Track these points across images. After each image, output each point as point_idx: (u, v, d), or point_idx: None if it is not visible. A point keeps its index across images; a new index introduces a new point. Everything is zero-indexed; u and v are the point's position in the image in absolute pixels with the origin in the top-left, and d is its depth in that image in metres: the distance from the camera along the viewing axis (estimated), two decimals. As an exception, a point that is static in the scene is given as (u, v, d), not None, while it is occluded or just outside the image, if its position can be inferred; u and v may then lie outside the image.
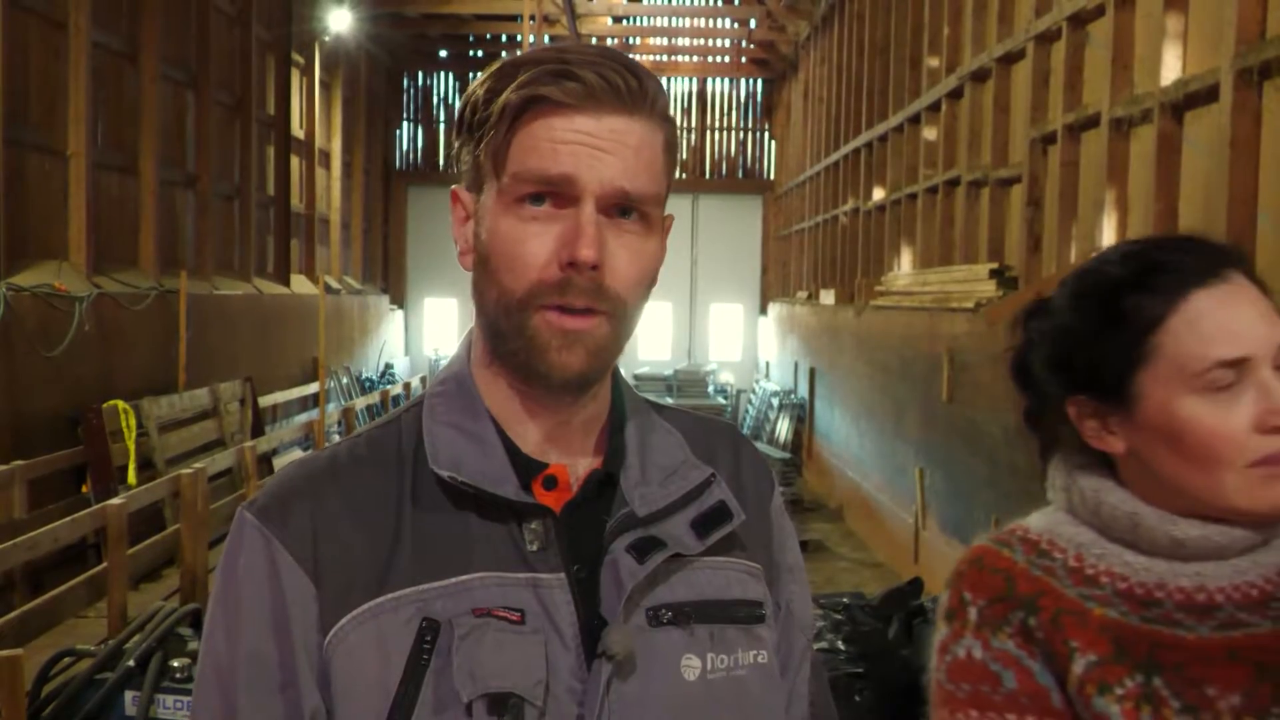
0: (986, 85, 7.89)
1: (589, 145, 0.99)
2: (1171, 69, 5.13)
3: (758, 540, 1.15)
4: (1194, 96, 4.90)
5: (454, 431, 1.06)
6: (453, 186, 1.09)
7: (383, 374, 17.98)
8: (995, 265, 7.28)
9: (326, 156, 16.40)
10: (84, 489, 8.31)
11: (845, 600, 5.23)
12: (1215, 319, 1.10)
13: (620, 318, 1.04)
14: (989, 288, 7.09)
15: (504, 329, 1.03)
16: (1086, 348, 1.16)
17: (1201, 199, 4.80)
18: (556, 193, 1.00)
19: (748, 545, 1.13)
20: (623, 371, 1.20)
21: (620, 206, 1.01)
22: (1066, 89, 6.35)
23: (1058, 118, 6.44)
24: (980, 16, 8.11)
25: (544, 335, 1.01)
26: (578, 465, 1.09)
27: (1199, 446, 1.10)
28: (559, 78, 0.99)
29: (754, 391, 17.62)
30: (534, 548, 1.03)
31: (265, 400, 12.35)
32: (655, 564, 1.03)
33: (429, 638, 0.99)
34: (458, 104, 1.08)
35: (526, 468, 1.06)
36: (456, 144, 1.08)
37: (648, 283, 1.06)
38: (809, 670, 1.21)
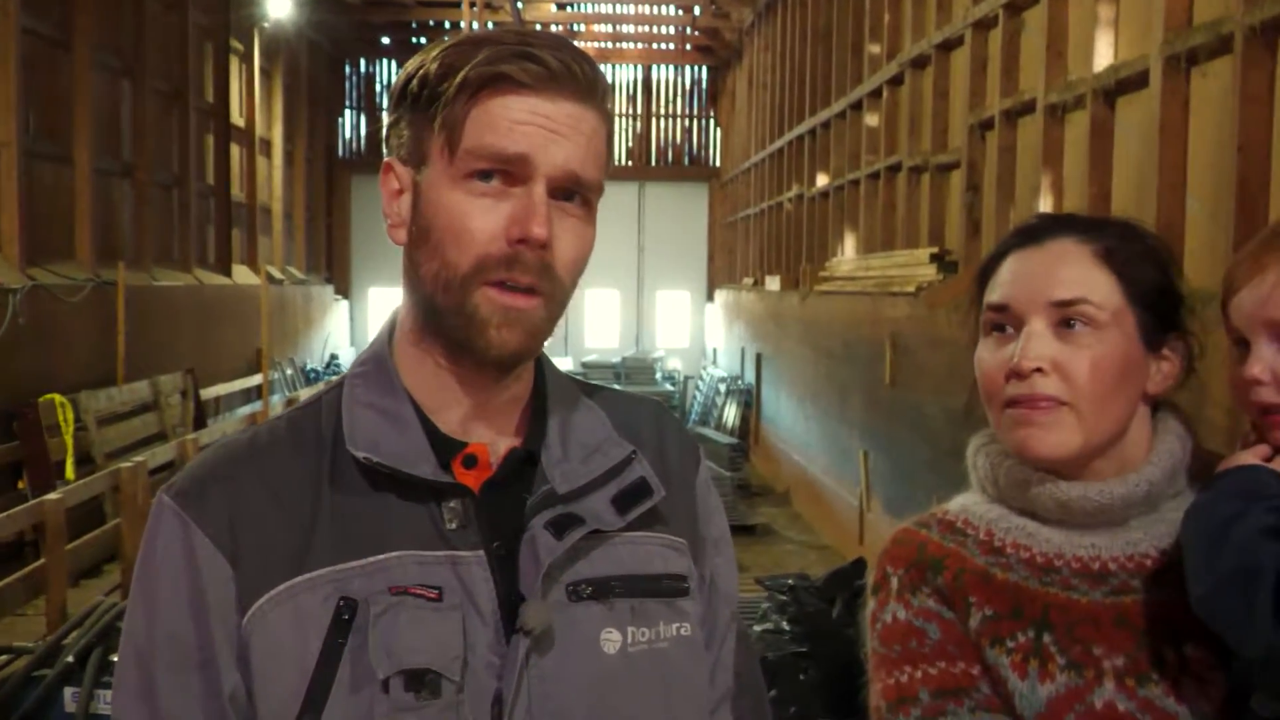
0: (926, 72, 7.96)
1: (545, 127, 1.00)
2: (1104, 56, 5.20)
3: (682, 515, 1.16)
4: (1125, 83, 4.97)
5: (372, 412, 1.07)
6: (386, 158, 1.08)
7: (327, 365, 17.81)
8: (936, 250, 7.36)
9: (268, 145, 16.16)
10: (20, 485, 8.16)
11: (790, 582, 5.28)
12: (999, 274, 1.19)
13: (557, 300, 1.05)
14: (930, 272, 7.17)
15: (441, 305, 1.04)
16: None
17: (1134, 183, 4.88)
18: (508, 171, 1.01)
19: (671, 520, 1.14)
20: (571, 359, 1.21)
21: (567, 190, 1.03)
22: (1003, 75, 6.41)
23: (995, 104, 6.50)
24: (920, 3, 8.16)
25: (485, 311, 1.01)
26: (498, 444, 1.10)
27: (982, 385, 1.19)
28: (521, 58, 1.00)
29: (701, 378, 17.67)
30: (453, 526, 1.04)
31: (207, 393, 12.19)
32: (573, 540, 1.05)
33: (346, 616, 0.99)
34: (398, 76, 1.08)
35: (446, 447, 1.06)
36: (393, 116, 1.07)
37: (582, 267, 1.07)
38: (734, 641, 1.23)
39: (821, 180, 11.42)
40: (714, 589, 1.19)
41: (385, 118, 1.10)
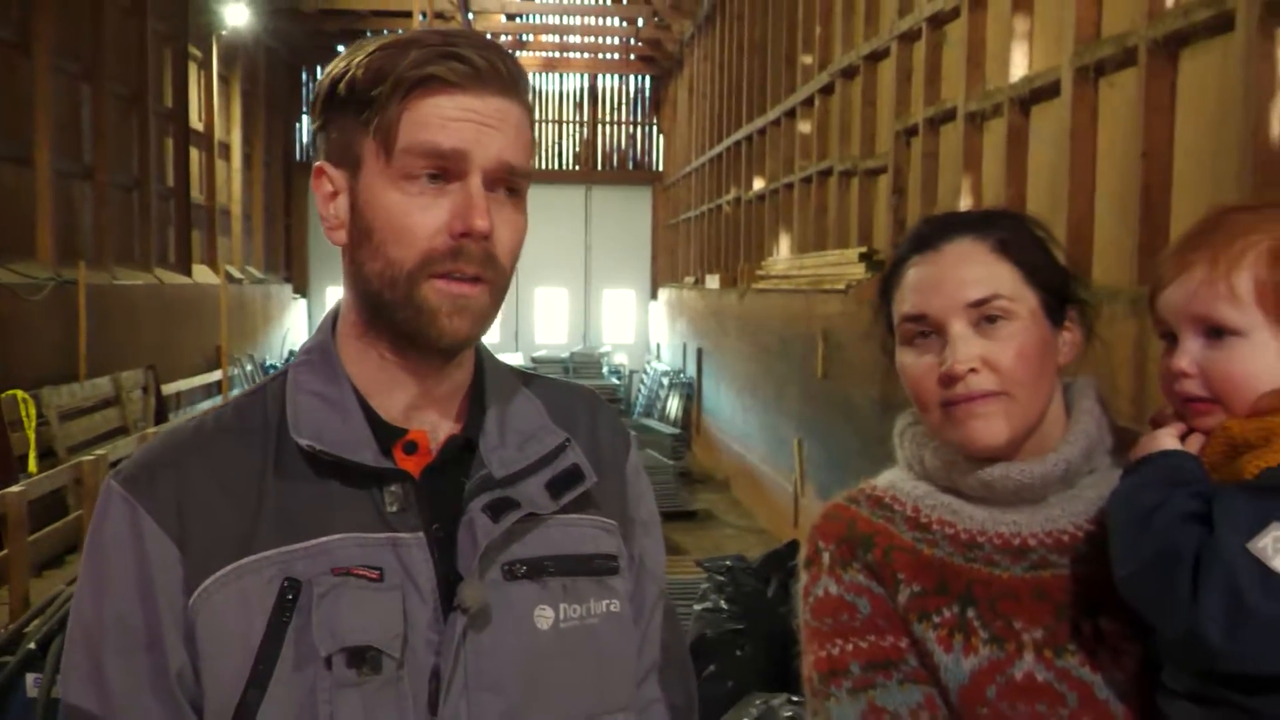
0: (855, 81, 8.00)
1: (477, 122, 1.00)
2: (1019, 67, 5.24)
3: (612, 498, 1.17)
4: (1039, 92, 5.02)
5: (316, 400, 1.06)
6: (317, 163, 1.07)
7: (286, 361, 17.47)
8: (864, 249, 7.40)
9: (226, 149, 15.91)
10: (-17, 478, 7.96)
11: (728, 563, 5.29)
12: (907, 282, 1.19)
13: (500, 286, 1.05)
14: (859, 270, 7.21)
15: (388, 300, 1.03)
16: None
17: (1047, 187, 4.94)
18: (445, 167, 1.00)
19: (602, 503, 1.15)
20: (522, 355, 1.21)
21: (500, 181, 1.02)
22: (927, 85, 6.46)
23: (919, 112, 6.54)
24: (849, 17, 8.21)
25: (434, 302, 1.01)
26: (438, 431, 1.10)
27: (912, 390, 1.19)
28: (448, 58, 0.99)
29: (646, 372, 17.68)
30: (393, 509, 1.04)
31: (168, 388, 11.98)
32: (509, 523, 1.05)
33: (290, 596, 0.99)
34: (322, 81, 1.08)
35: (387, 433, 1.06)
36: (320, 120, 1.06)
37: (519, 252, 1.07)
38: (661, 617, 1.24)
39: (758, 184, 11.46)
40: (643, 568, 1.20)
41: (311, 122, 1.08)
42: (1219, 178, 3.67)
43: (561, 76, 20.75)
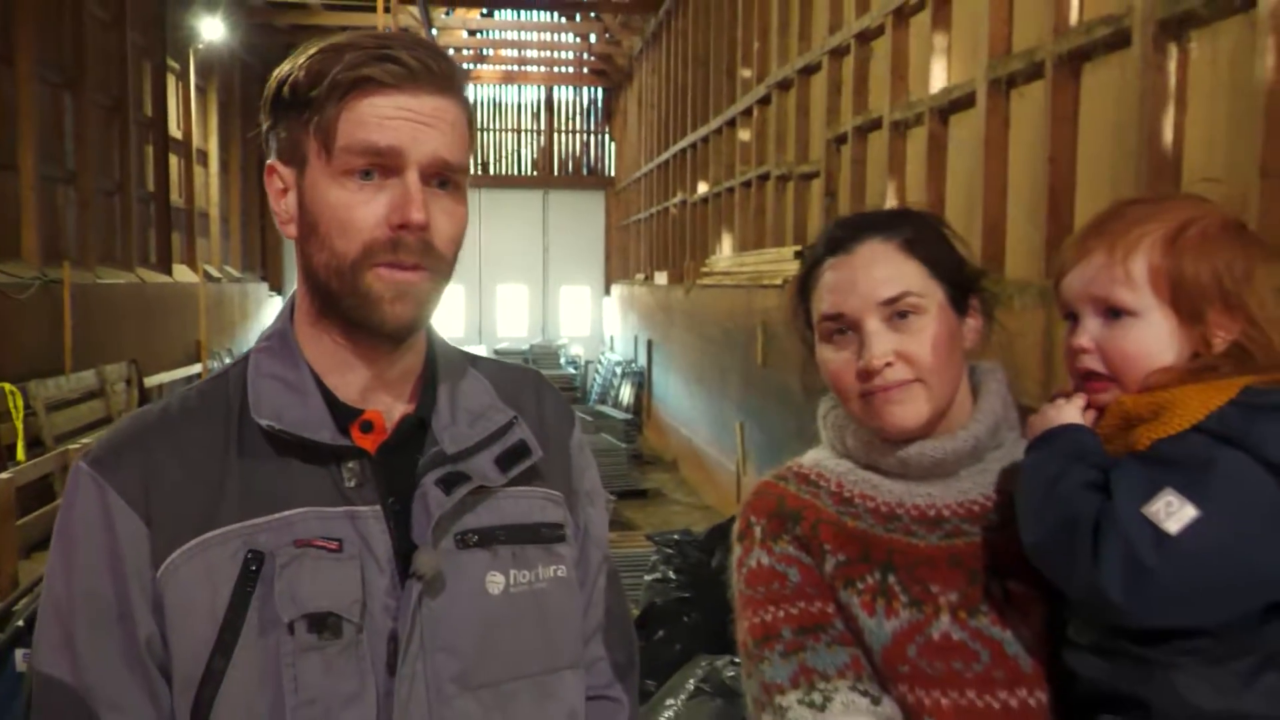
0: (790, 93, 8.03)
1: (412, 120, 0.98)
2: (939, 79, 5.29)
3: (558, 471, 1.16)
4: (956, 102, 5.07)
5: (276, 383, 1.04)
6: (269, 161, 1.05)
7: (259, 352, 17.33)
8: (799, 248, 7.42)
9: (204, 155, 15.61)
10: (-27, 467, 7.77)
11: (676, 537, 5.29)
12: (824, 283, 1.18)
13: (441, 273, 1.03)
14: (794, 267, 7.21)
15: (335, 289, 1.01)
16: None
17: (964, 189, 4.99)
18: (383, 164, 0.98)
19: (548, 476, 1.14)
20: (485, 347, 1.20)
21: (438, 176, 1.01)
22: (855, 96, 6.50)
23: (848, 121, 6.58)
24: (784, 34, 8.23)
25: (378, 289, 0.99)
26: (393, 410, 1.08)
27: (833, 383, 1.19)
28: (382, 60, 0.98)
29: (600, 362, 17.66)
30: (351, 484, 1.02)
31: (151, 380, 11.75)
32: (460, 495, 1.04)
33: (254, 567, 0.97)
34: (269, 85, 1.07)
35: (344, 414, 1.04)
36: (269, 121, 1.04)
37: (460, 242, 1.06)
38: (605, 581, 1.23)
39: (702, 188, 11.47)
40: (587, 536, 1.20)
41: (262, 122, 1.07)
42: (1117, 180, 3.73)
43: (520, 88, 20.61)
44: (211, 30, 14.03)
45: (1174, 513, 0.96)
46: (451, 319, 19.54)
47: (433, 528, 1.02)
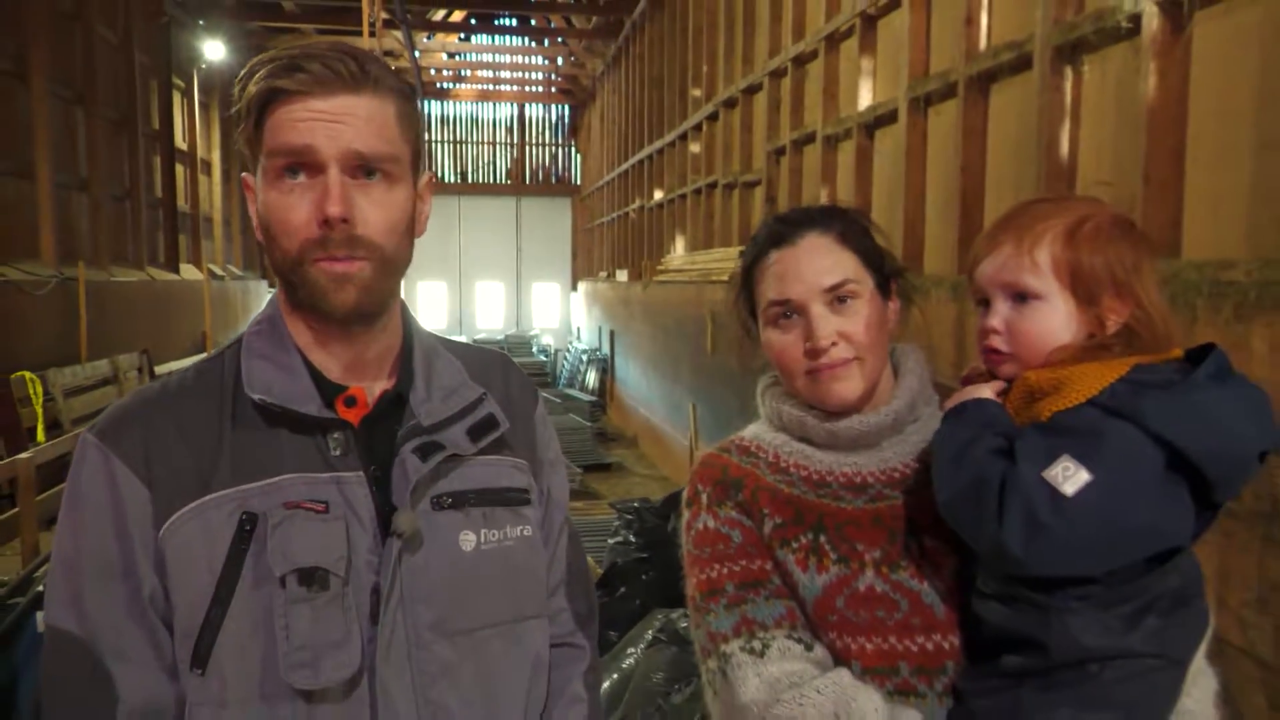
0: (736, 110, 8.03)
1: (324, 120, 0.96)
2: (865, 98, 5.32)
3: (523, 442, 1.16)
4: (881, 118, 5.10)
5: (266, 362, 1.03)
6: (243, 174, 1.04)
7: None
8: (743, 248, 7.43)
9: (208, 165, 15.31)
10: (-4, 448, 7.60)
11: (636, 504, 5.29)
12: (771, 272, 1.17)
13: (380, 259, 1.00)
14: (738, 265, 7.26)
15: (291, 280, 1.00)
16: (738, 297, 1.25)
17: (887, 195, 5.03)
18: (306, 163, 0.96)
19: (515, 446, 1.14)
20: (465, 336, 1.18)
21: (363, 168, 0.98)
22: (792, 113, 6.52)
23: (786, 135, 6.60)
24: (730, 58, 8.24)
25: (320, 281, 0.98)
26: (374, 387, 1.07)
27: (778, 362, 1.18)
28: (290, 71, 0.96)
29: (568, 350, 17.62)
30: (336, 453, 1.01)
31: (161, 368, 11.51)
32: (435, 462, 1.03)
33: (248, 528, 0.96)
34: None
35: (329, 390, 1.03)
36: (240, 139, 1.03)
37: (401, 227, 1.02)
38: (567, 540, 1.23)
39: (658, 195, 11.45)
40: (550, 500, 1.19)
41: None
42: (1020, 186, 3.78)
43: (495, 105, 20.43)
44: (213, 51, 13.76)
45: (1070, 476, 0.97)
46: (435, 312, 19.40)
47: (411, 491, 1.01)
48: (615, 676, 3.56)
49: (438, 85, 19.46)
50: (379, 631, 0.98)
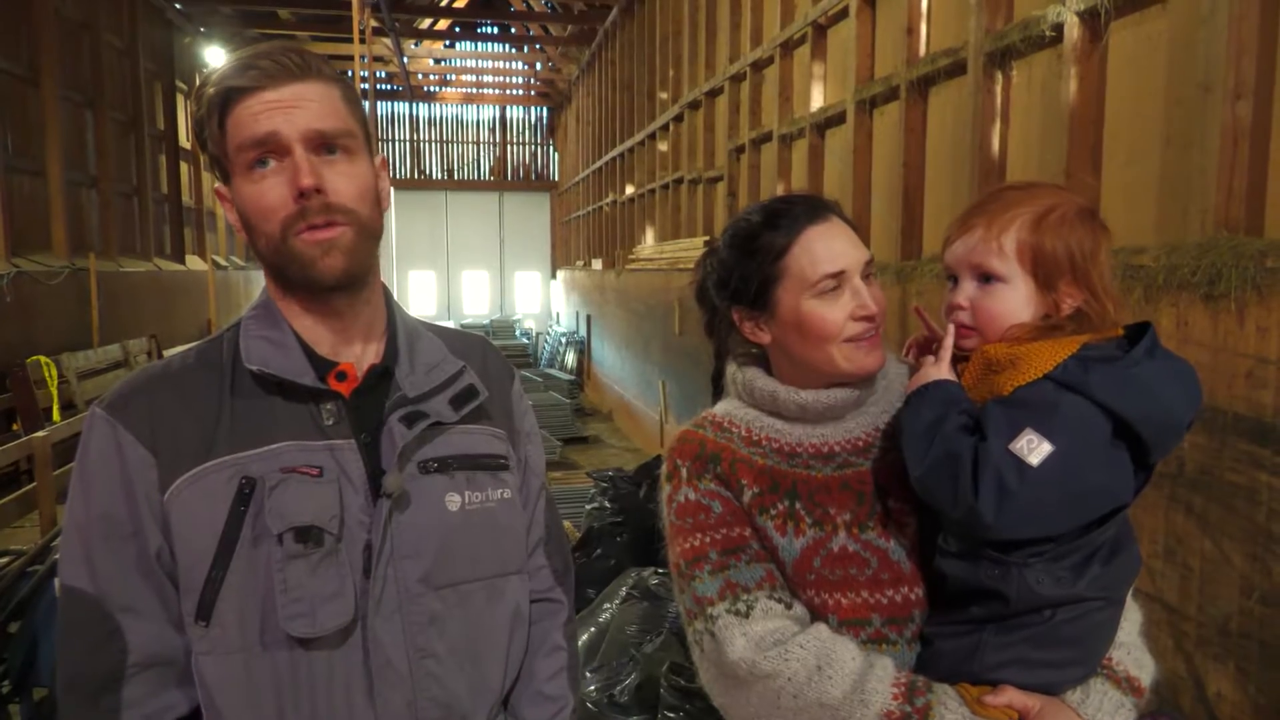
0: (700, 112, 8.01)
1: (280, 108, 0.96)
2: (817, 100, 5.32)
3: (501, 414, 1.16)
4: (831, 119, 5.10)
5: (264, 341, 1.02)
6: (215, 187, 1.03)
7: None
8: (707, 238, 7.46)
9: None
10: (15, 427, 7.46)
11: (611, 474, 5.31)
12: (821, 245, 1.13)
13: (359, 223, 0.99)
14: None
15: (278, 262, 0.99)
16: (739, 273, 1.18)
17: (837, 189, 5.04)
18: (271, 149, 0.95)
19: (494, 416, 1.14)
20: (453, 322, 1.18)
21: (325, 145, 0.97)
22: (751, 114, 6.50)
23: (745, 134, 6.58)
24: (694, 63, 8.20)
25: (307, 251, 0.97)
26: (363, 362, 1.07)
27: (817, 330, 1.14)
28: (242, 71, 0.96)
29: (549, 333, 17.54)
30: (329, 422, 1.01)
31: (168, 353, 11.32)
32: (420, 429, 1.03)
33: (247, 491, 0.96)
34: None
35: (322, 365, 1.03)
36: (206, 158, 1.02)
37: (370, 196, 1.02)
38: (544, 503, 1.23)
39: (629, 190, 11.42)
40: (528, 467, 1.19)
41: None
42: (956, 181, 3.81)
43: (478, 108, 20.22)
44: (214, 57, 13.48)
45: (1034, 448, 0.97)
46: (425, 298, 19.24)
47: (398, 455, 1.02)
48: (593, 629, 3.59)
49: (425, 89, 19.22)
50: (371, 585, 0.99)
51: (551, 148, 20.50)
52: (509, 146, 20.48)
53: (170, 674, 0.98)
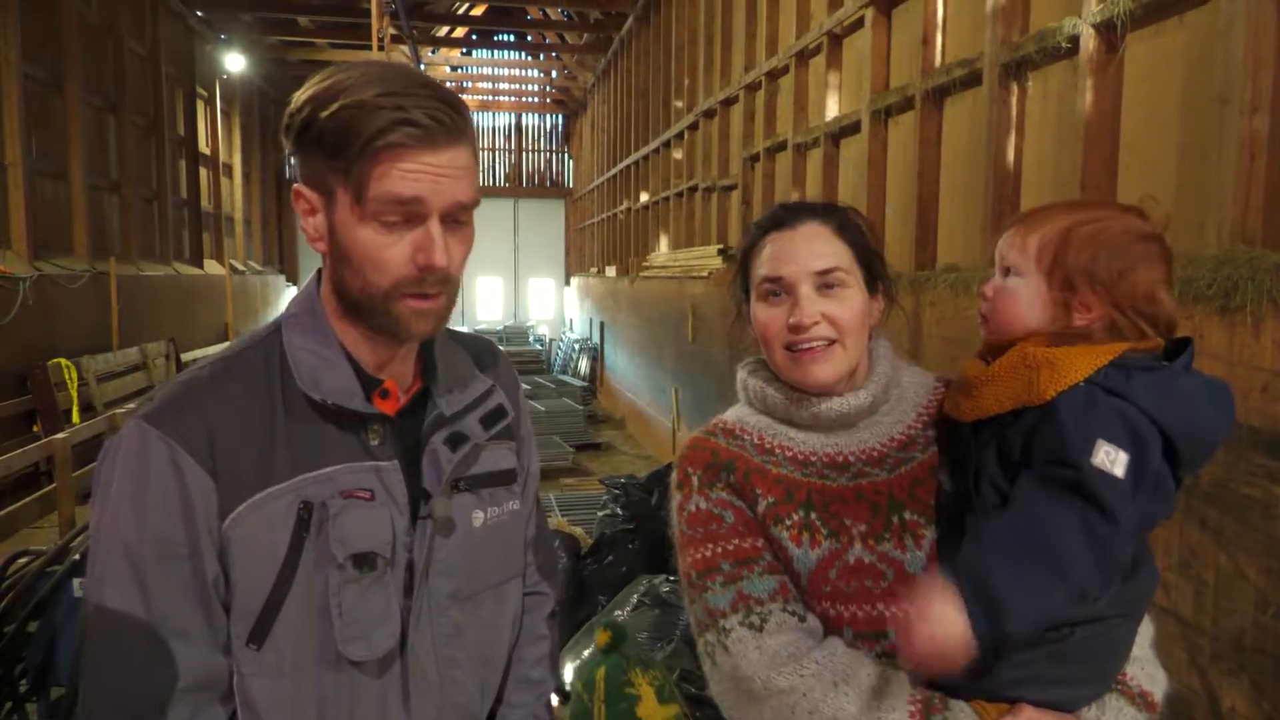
0: (714, 120, 8.02)
1: (432, 174, 0.94)
2: (832, 110, 5.32)
3: (514, 426, 1.18)
4: (846, 129, 5.10)
5: (313, 356, 1.02)
6: (295, 185, 1.00)
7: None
8: (721, 246, 7.47)
9: (229, 168, 15.17)
10: (35, 428, 7.53)
11: (623, 480, 5.33)
12: (768, 252, 1.15)
13: (454, 292, 1.01)
14: (717, 262, 7.28)
15: (367, 308, 0.99)
16: (740, 274, 1.21)
17: (852, 198, 5.04)
18: (408, 213, 0.94)
19: (510, 431, 1.16)
20: (467, 327, 1.19)
21: (454, 216, 0.98)
22: (766, 123, 6.52)
23: (760, 143, 6.59)
24: (709, 72, 8.22)
25: (406, 315, 0.98)
26: (403, 380, 1.08)
27: (761, 333, 1.16)
28: (403, 124, 0.92)
29: (562, 340, 17.58)
30: (375, 443, 1.02)
31: (186, 356, 11.45)
32: (463, 452, 1.06)
33: (306, 516, 0.97)
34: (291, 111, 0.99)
35: (368, 383, 1.03)
36: (292, 148, 0.99)
37: (466, 260, 1.03)
38: (536, 508, 1.27)
39: (644, 197, 11.44)
40: (529, 474, 1.22)
41: (284, 146, 1.01)
42: (970, 192, 3.80)
43: (494, 115, 20.32)
44: (234, 63, 13.62)
45: (1114, 460, 0.95)
46: (439, 305, 19.31)
47: (444, 480, 1.04)
48: (603, 635, 3.58)
49: (441, 96, 19.31)
50: (413, 603, 1.02)
51: (566, 155, 20.57)
52: (524, 153, 20.57)
53: (213, 696, 0.98)
